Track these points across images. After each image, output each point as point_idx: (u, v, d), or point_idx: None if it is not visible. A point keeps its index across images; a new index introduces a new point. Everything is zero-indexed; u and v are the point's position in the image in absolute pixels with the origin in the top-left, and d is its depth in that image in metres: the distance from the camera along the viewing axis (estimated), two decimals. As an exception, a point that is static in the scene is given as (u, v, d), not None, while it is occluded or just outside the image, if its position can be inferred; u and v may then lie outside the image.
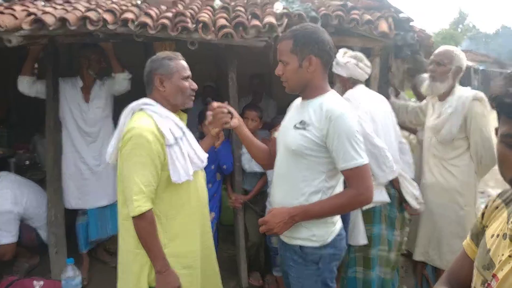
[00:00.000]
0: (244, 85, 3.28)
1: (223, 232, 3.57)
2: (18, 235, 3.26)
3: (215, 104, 2.08)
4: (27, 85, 3.25)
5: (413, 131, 3.52)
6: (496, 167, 2.74)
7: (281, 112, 4.20)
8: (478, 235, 1.11)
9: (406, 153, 2.75)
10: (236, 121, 2.09)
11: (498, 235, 0.98)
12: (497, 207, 1.06)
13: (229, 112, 2.09)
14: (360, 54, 2.68)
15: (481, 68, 24.18)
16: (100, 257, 3.73)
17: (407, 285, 3.30)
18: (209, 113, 2.17)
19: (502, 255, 0.94)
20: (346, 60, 2.59)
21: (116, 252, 3.78)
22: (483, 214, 1.11)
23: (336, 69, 2.61)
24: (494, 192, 6.84)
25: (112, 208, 3.52)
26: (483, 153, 2.58)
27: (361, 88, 2.61)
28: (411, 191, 2.61)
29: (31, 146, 4.32)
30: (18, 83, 3.26)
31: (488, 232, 1.04)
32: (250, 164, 3.23)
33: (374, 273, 2.53)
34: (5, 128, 4.61)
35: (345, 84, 2.64)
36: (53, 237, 3.21)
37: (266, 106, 4.47)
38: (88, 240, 3.49)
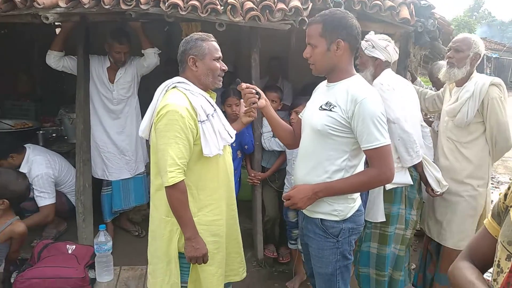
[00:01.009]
0: (262, 67, 3.38)
1: (240, 208, 3.71)
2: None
3: (244, 85, 2.18)
4: (54, 59, 3.37)
5: (429, 123, 3.63)
6: (507, 154, 2.82)
7: (297, 94, 4.33)
8: (499, 214, 1.19)
9: (426, 137, 2.83)
10: (264, 101, 2.19)
11: None
12: None
13: (257, 93, 2.18)
14: (389, 37, 2.73)
15: (494, 56, 23.84)
16: (123, 226, 3.92)
17: (415, 263, 3.45)
18: (242, 105, 2.30)
19: None
20: (386, 43, 2.62)
21: (138, 222, 4.02)
22: (506, 195, 1.18)
23: (373, 52, 2.62)
24: (502, 178, 6.94)
25: (135, 180, 3.71)
26: (497, 137, 2.67)
27: (390, 73, 2.66)
28: (434, 175, 2.70)
29: (58, 120, 4.48)
30: (46, 57, 3.38)
31: None
32: (269, 143, 3.36)
33: (389, 249, 2.65)
34: (32, 102, 4.76)
35: (377, 68, 2.66)
36: (80, 205, 3.39)
37: (283, 88, 4.56)
38: (112, 210, 3.67)
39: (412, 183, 2.63)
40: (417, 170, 2.67)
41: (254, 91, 2.17)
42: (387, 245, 2.63)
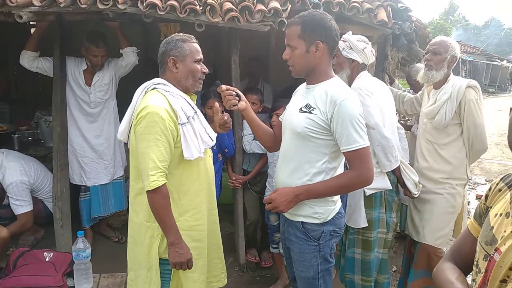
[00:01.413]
0: (241, 69, 3.37)
1: (222, 212, 3.70)
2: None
3: (224, 87, 2.15)
4: (28, 60, 3.29)
5: (407, 127, 3.68)
6: (484, 156, 2.88)
7: (276, 96, 4.33)
8: (481, 215, 1.21)
9: (402, 139, 2.85)
10: (244, 103, 2.17)
11: (501, 214, 1.09)
12: (500, 190, 1.16)
13: (237, 95, 2.16)
14: (365, 38, 2.71)
15: (469, 59, 24.45)
16: (102, 232, 3.85)
17: (395, 265, 3.48)
18: (218, 116, 2.31)
19: (505, 231, 1.04)
20: (363, 45, 2.59)
21: (118, 228, 3.94)
22: (486, 196, 1.20)
23: (351, 54, 2.57)
24: (478, 179, 7.10)
25: (114, 185, 3.63)
26: (474, 139, 2.73)
27: (367, 76, 2.65)
28: (411, 178, 2.72)
29: (34, 123, 4.36)
30: (20, 57, 3.29)
31: (492, 212, 1.13)
32: (250, 145, 3.34)
33: (373, 254, 2.65)
34: (6, 104, 4.63)
35: (354, 69, 2.64)
36: (58, 211, 3.30)
37: (263, 90, 4.55)
38: (91, 216, 3.60)
39: (391, 187, 2.64)
40: (395, 174, 2.69)
41: (234, 93, 2.15)
42: (371, 250, 2.64)
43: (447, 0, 48.46)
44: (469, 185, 6.12)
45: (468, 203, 4.49)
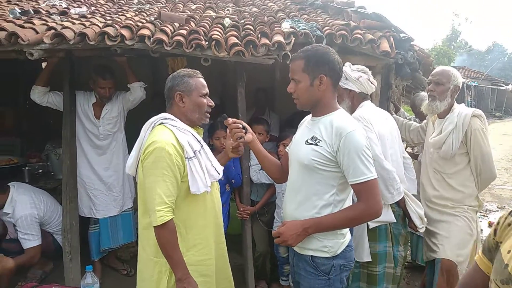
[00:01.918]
0: (247, 99, 3.41)
1: (230, 242, 3.66)
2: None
3: (230, 120, 2.18)
4: (39, 95, 3.37)
5: (414, 156, 3.66)
6: (494, 182, 2.85)
7: (283, 126, 4.36)
8: (490, 250, 1.18)
9: (409, 169, 2.82)
10: (250, 136, 2.20)
11: None
12: (509, 224, 1.13)
13: (244, 128, 2.19)
14: (366, 68, 2.72)
15: (473, 84, 24.54)
16: (111, 264, 3.83)
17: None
18: (229, 142, 2.31)
19: None
20: (358, 75, 2.61)
21: (127, 260, 3.91)
22: (495, 230, 1.17)
23: (347, 84, 2.59)
24: (490, 206, 6.98)
25: (123, 217, 3.64)
26: (482, 168, 2.72)
27: (369, 106, 2.65)
28: (416, 210, 2.67)
29: (44, 155, 4.41)
30: (31, 92, 3.38)
31: (504, 248, 1.10)
32: (258, 175, 3.34)
33: None
34: (17, 138, 4.70)
35: (353, 99, 2.65)
36: (67, 244, 3.31)
37: (269, 120, 4.60)
38: (100, 249, 3.58)
39: (395, 220, 2.60)
40: (400, 206, 2.65)
41: (240, 126, 2.17)
42: (376, 285, 2.57)
43: (450, 26, 49.08)
44: (480, 212, 6.03)
45: (481, 230, 4.40)
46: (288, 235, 1.90)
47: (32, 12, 3.78)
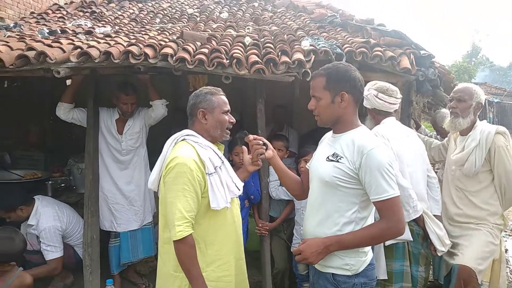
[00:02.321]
0: (266, 114, 3.44)
1: (248, 258, 3.64)
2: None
3: (251, 136, 2.21)
4: (64, 111, 3.46)
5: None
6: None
7: (301, 142, 4.36)
8: None
9: (433, 189, 2.79)
10: (271, 152, 2.21)
11: None
12: None
13: (264, 144, 2.21)
14: (385, 85, 2.73)
15: (496, 100, 24.12)
16: (130, 278, 3.85)
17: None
18: (247, 157, 2.33)
19: None
20: (367, 92, 2.66)
21: (145, 274, 3.93)
22: None
23: (364, 101, 2.66)
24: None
25: (143, 231, 3.68)
26: (506, 186, 2.67)
27: (389, 123, 2.66)
28: (435, 231, 2.63)
29: (67, 170, 4.51)
30: (56, 109, 3.48)
31: None
32: (277, 191, 3.35)
33: None
34: (41, 152, 4.82)
35: (373, 116, 2.71)
36: (88, 257, 3.35)
37: (288, 136, 4.61)
38: (120, 262, 3.62)
39: (411, 239, 2.56)
40: (419, 225, 2.61)
41: (261, 142, 2.19)
42: None
43: (470, 42, 48.58)
44: (505, 231, 5.85)
45: (506, 250, 4.28)
46: (309, 253, 1.89)
47: (59, 32, 3.93)
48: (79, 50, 3.05)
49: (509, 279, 3.20)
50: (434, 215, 2.71)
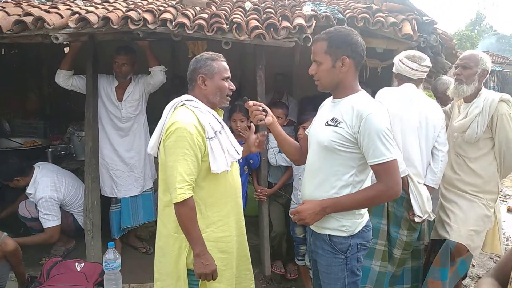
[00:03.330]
0: (266, 83, 3.43)
1: (247, 223, 3.72)
2: (58, 219, 3.52)
3: (251, 102, 2.20)
4: (64, 78, 3.45)
5: None
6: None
7: (301, 108, 4.36)
8: None
9: (436, 161, 2.77)
10: (270, 118, 2.21)
11: None
12: None
13: (264, 110, 2.20)
14: (413, 53, 2.81)
15: (497, 69, 23.87)
16: (131, 243, 3.94)
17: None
18: (253, 136, 2.36)
19: None
20: (396, 58, 2.82)
21: (146, 239, 4.03)
22: None
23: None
24: (510, 191, 6.89)
25: (143, 197, 3.74)
26: (506, 153, 2.69)
27: (401, 87, 2.74)
28: (416, 196, 2.64)
29: (66, 138, 4.53)
30: (56, 76, 3.46)
31: None
32: (276, 158, 3.38)
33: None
34: (40, 120, 4.83)
35: (397, 81, 2.82)
36: (89, 223, 3.41)
37: (287, 104, 4.60)
38: (120, 227, 3.70)
39: None
40: (404, 188, 2.59)
41: (261, 108, 2.19)
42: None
43: (474, 10, 47.69)
44: (500, 197, 5.94)
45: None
46: (306, 214, 1.93)
47: (56, -3, 3.85)
48: (77, 15, 3.01)
49: (504, 243, 3.28)
50: (426, 186, 2.73)
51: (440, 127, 2.79)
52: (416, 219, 2.66)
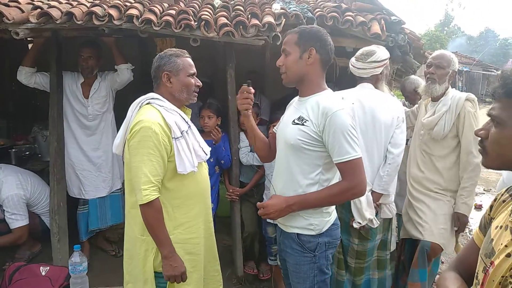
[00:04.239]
0: (238, 82, 3.39)
1: (219, 224, 3.68)
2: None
3: (252, 90, 2.09)
4: (26, 76, 3.33)
5: None
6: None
7: (273, 109, 4.36)
8: (485, 226, 1.20)
9: (384, 164, 2.65)
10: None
11: (501, 227, 1.07)
12: (504, 201, 1.14)
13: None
14: (363, 49, 2.71)
15: (465, 69, 24.62)
16: (99, 245, 3.84)
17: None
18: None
19: (501, 244, 1.03)
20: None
21: (115, 241, 3.93)
22: (491, 206, 1.19)
23: None
24: (477, 189, 7.09)
25: (111, 198, 3.64)
26: (473, 150, 2.73)
27: (354, 89, 2.70)
28: (356, 203, 2.56)
29: (31, 137, 4.37)
30: (17, 73, 3.33)
31: (494, 224, 1.12)
32: (247, 157, 3.35)
33: None
34: (3, 119, 4.65)
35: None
36: (55, 225, 3.30)
37: (259, 103, 4.59)
38: (88, 229, 3.59)
39: None
40: None
41: (252, 97, 2.10)
42: None
43: (443, 11, 49.03)
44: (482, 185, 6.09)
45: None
46: (271, 209, 1.94)
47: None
48: (39, 10, 2.89)
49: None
50: (374, 192, 2.64)
51: (394, 126, 2.63)
52: (355, 225, 2.59)
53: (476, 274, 1.13)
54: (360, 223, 2.58)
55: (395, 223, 3.01)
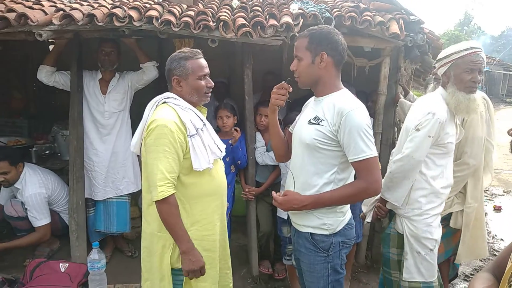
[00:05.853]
0: (255, 82, 3.41)
1: (235, 223, 3.69)
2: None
3: (291, 89, 2.11)
4: (46, 74, 3.37)
5: None
6: (501, 167, 2.83)
7: (289, 108, 4.36)
8: None
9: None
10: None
11: None
12: None
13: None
14: None
15: (485, 69, 24.12)
16: (117, 245, 3.85)
17: None
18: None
19: None
20: None
21: (132, 239, 3.97)
22: None
23: None
24: (496, 190, 6.95)
25: (118, 205, 3.61)
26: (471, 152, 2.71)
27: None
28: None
29: (51, 137, 4.46)
30: (38, 72, 3.39)
31: None
32: (263, 157, 3.36)
33: None
34: (25, 119, 4.75)
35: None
36: (74, 223, 3.37)
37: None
38: (94, 230, 3.59)
39: None
40: None
41: (287, 95, 2.12)
42: None
43: (462, 11, 48.18)
44: (486, 196, 6.01)
45: (485, 214, 4.41)
46: (285, 205, 1.96)
47: (40, -7, 3.78)
48: (61, 12, 2.95)
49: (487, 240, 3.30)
50: None
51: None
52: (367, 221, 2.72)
53: (509, 277, 1.12)
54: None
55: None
